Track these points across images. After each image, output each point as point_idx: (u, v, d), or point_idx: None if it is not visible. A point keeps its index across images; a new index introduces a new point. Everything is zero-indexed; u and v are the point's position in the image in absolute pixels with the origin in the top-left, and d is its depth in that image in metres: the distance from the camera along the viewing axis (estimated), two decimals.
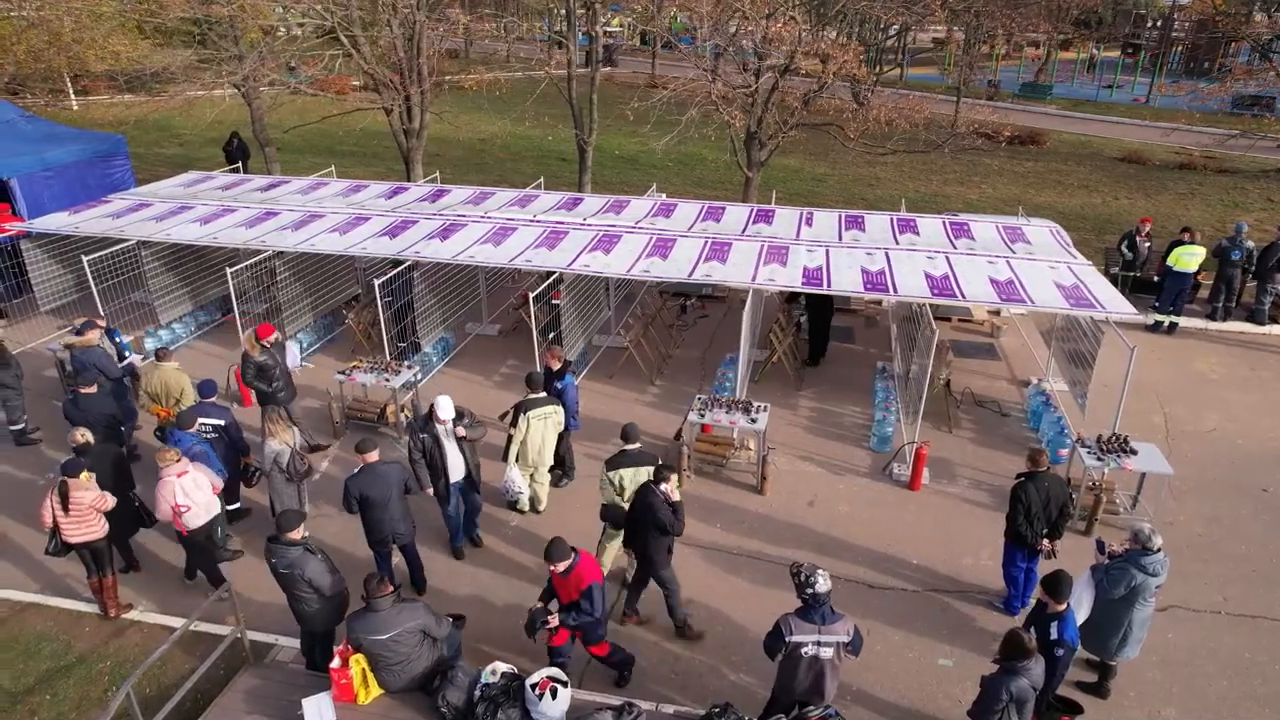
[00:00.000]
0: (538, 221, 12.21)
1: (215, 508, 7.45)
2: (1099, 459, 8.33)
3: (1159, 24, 47.12)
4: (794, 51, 12.82)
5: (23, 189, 14.15)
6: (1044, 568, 7.29)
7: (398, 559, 7.59)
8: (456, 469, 7.66)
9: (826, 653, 5.44)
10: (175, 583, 7.91)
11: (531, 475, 8.59)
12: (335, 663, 5.92)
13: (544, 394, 8.44)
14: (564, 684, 5.67)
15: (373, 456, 7.00)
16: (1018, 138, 24.61)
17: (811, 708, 5.54)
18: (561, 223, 12.14)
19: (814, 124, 15.38)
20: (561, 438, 8.80)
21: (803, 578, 5.47)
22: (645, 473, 7.19)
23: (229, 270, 10.83)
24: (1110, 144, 26.23)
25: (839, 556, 8.22)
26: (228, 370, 10.85)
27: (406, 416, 10.13)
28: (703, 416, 9.10)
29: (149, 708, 6.07)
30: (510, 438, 8.53)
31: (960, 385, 11.23)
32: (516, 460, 8.34)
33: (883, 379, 11.17)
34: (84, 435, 7.51)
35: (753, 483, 9.27)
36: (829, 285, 10.08)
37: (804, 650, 5.42)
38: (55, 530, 7.05)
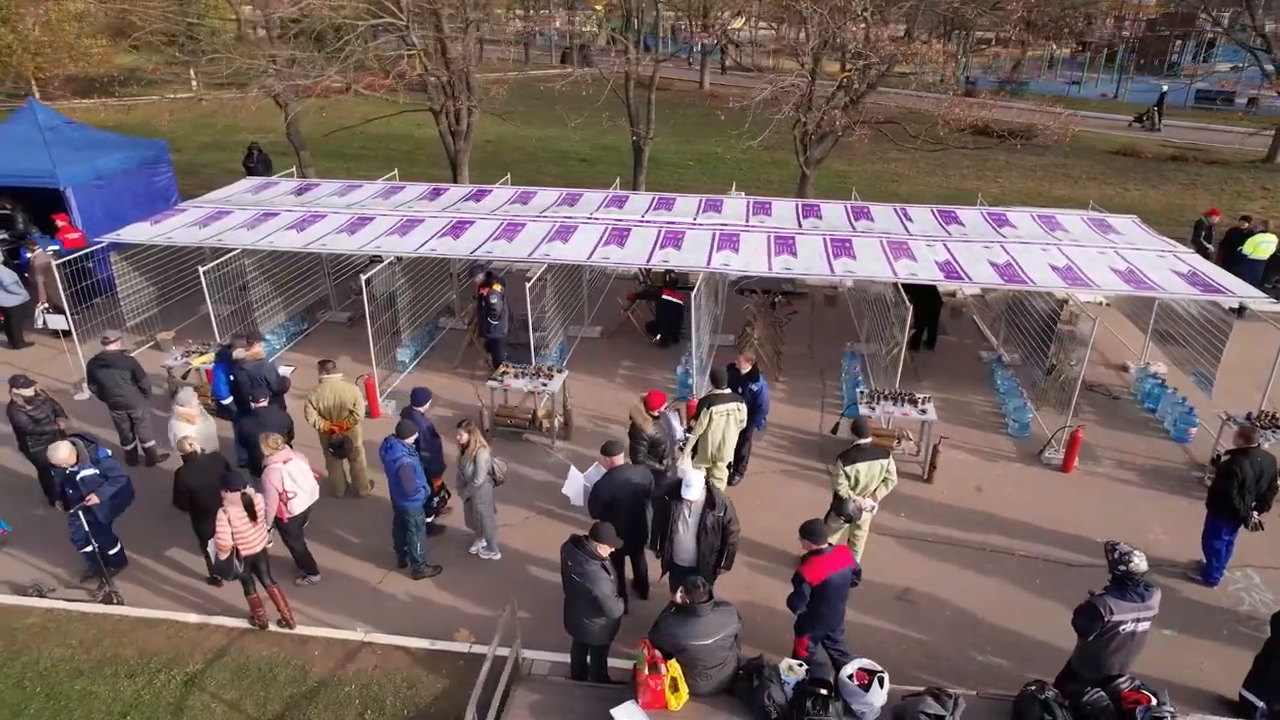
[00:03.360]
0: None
1: (316, 494, 7.49)
2: None
3: (1109, 22, 49.44)
4: (894, 53, 13.11)
5: (77, 198, 13.44)
6: (1243, 539, 7.80)
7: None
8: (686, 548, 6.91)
9: (1143, 627, 5.68)
10: (343, 594, 7.71)
11: (709, 470, 8.63)
12: (643, 668, 5.89)
13: (728, 390, 8.49)
14: (881, 673, 5.77)
15: (619, 460, 6.96)
16: (1017, 134, 25.52)
17: (1122, 679, 5.77)
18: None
19: (879, 122, 15.72)
20: (744, 437, 8.89)
21: (1117, 555, 5.69)
22: (880, 466, 7.35)
23: (363, 278, 10.49)
24: (1101, 139, 27.45)
25: (1026, 538, 8.53)
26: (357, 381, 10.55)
27: (558, 422, 10.05)
28: (873, 410, 9.29)
29: None
30: (689, 431, 8.60)
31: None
32: (694, 454, 8.41)
33: (1000, 367, 11.55)
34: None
35: (917, 472, 9.51)
36: (966, 278, 10.40)
37: (1123, 628, 5.65)
38: (235, 550, 6.80)
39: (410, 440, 7.32)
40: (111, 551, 7.55)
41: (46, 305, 12.26)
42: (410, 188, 14.13)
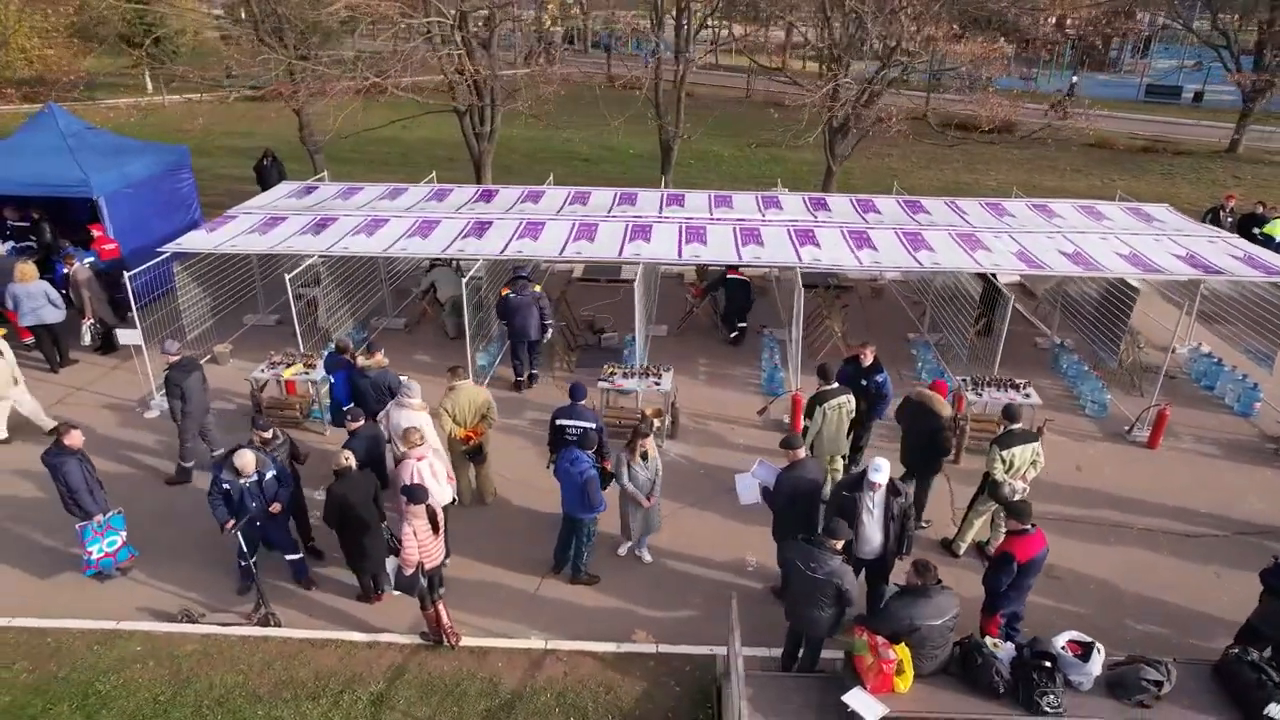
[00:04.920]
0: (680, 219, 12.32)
1: (447, 496, 7.46)
2: None
3: (1049, 20, 51.62)
4: (945, 52, 13.51)
5: (109, 207, 12.79)
6: None
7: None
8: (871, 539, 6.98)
9: None
10: (503, 603, 7.59)
11: (829, 463, 8.81)
12: (865, 654, 6.00)
13: (836, 384, 8.66)
14: (1093, 643, 6.02)
15: (801, 453, 7.05)
16: (998, 128, 26.53)
17: None
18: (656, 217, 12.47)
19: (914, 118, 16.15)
20: (863, 428, 9.09)
21: None
22: (1030, 450, 7.63)
23: (462, 280, 10.32)
24: (1072, 131, 28.65)
25: (1137, 512, 8.96)
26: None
27: (665, 421, 10.06)
28: (980, 396, 9.61)
29: None
30: (805, 430, 8.76)
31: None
32: (810, 451, 8.57)
33: (1065, 352, 12.04)
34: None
35: None
36: (1044, 267, 10.82)
37: None
38: (420, 565, 6.69)
39: (592, 450, 7.25)
40: (292, 557, 7.42)
41: (93, 321, 11.65)
42: (458, 190, 13.90)
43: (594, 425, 7.82)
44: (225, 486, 6.81)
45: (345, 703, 6.57)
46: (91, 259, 12.11)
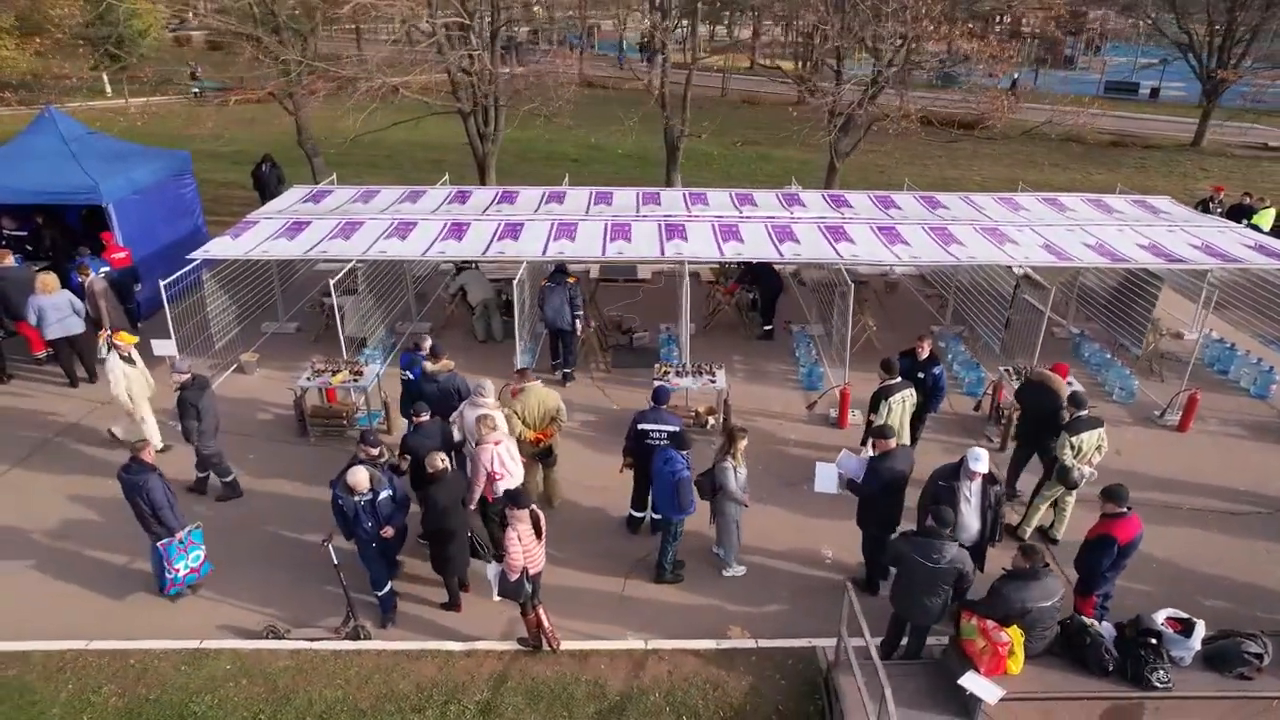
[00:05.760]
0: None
1: (521, 478, 7.62)
2: None
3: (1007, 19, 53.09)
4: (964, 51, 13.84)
5: (118, 214, 12.36)
6: None
7: None
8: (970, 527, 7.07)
9: None
10: (593, 606, 7.55)
11: None
12: (975, 639, 6.15)
13: (899, 379, 8.84)
14: (1192, 619, 6.27)
15: (893, 443, 7.20)
16: (972, 124, 27.22)
17: None
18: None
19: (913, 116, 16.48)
20: (919, 419, 9.28)
21: None
22: (1096, 435, 7.88)
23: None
24: (1018, 125, 29.40)
25: (1183, 492, 9.31)
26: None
27: (716, 419, 10.12)
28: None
29: None
30: (869, 424, 8.93)
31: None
32: (873, 446, 8.73)
33: (1086, 341, 12.43)
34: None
35: None
36: (1072, 259, 11.15)
37: None
38: (525, 570, 6.65)
39: (687, 451, 7.25)
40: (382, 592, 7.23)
41: (111, 333, 11.23)
42: (479, 192, 13.77)
43: (678, 428, 7.83)
44: (340, 503, 6.61)
45: (452, 713, 6.48)
46: (106, 268, 11.69)
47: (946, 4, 13.92)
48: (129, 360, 9.16)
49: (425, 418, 7.71)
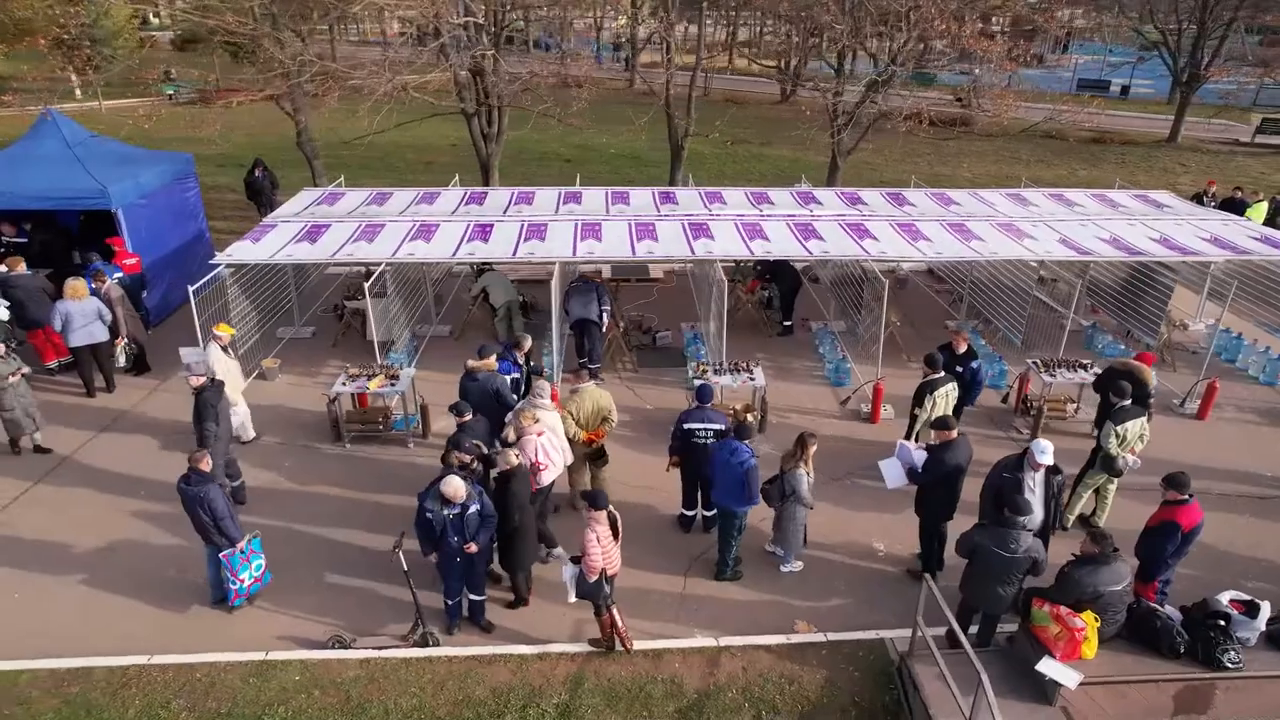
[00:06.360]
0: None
1: (562, 468, 7.80)
2: None
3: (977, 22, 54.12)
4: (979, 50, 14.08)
5: (127, 219, 12.06)
6: None
7: None
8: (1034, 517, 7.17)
9: None
10: (656, 604, 7.54)
11: None
12: (1049, 625, 6.28)
13: (943, 373, 8.99)
14: (1255, 600, 6.46)
15: (954, 434, 7.31)
16: (955, 121, 27.69)
17: None
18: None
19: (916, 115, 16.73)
20: (957, 411, 9.42)
21: None
22: (1139, 424, 8.08)
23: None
24: (1017, 123, 30.09)
25: (1210, 478, 9.53)
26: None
27: (754, 417, 10.16)
28: (1054, 376, 10.08)
29: None
30: (914, 417, 9.07)
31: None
32: (916, 439, 8.90)
33: (1098, 333, 12.71)
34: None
35: (1085, 431, 10.40)
36: (1088, 253, 11.41)
37: None
38: (603, 571, 6.65)
39: (750, 441, 7.29)
40: (476, 596, 7.16)
41: (127, 341, 10.97)
42: (495, 193, 13.67)
43: (724, 426, 7.88)
44: (428, 516, 6.47)
45: (531, 716, 6.44)
46: (119, 274, 11.40)
47: (958, 4, 14.15)
48: (227, 351, 9.22)
49: (469, 417, 7.65)
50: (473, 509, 6.47)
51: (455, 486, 6.32)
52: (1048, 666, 6.17)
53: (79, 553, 8.03)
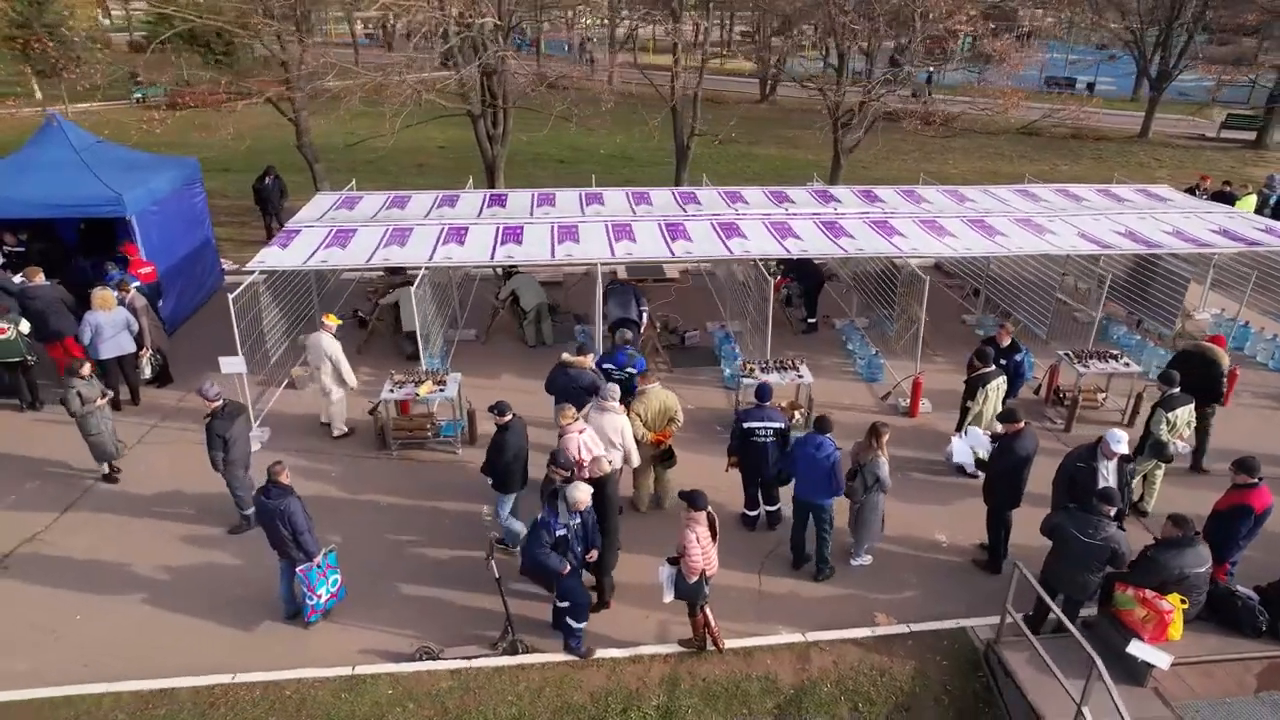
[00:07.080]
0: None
1: (619, 465, 7.78)
2: None
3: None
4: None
5: (140, 225, 11.71)
6: None
7: None
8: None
9: None
10: (736, 602, 7.56)
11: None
12: (1134, 608, 6.45)
13: (994, 367, 9.19)
14: None
15: (1021, 424, 7.48)
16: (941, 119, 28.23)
17: None
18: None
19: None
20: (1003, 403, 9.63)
21: None
22: (1188, 410, 8.34)
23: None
24: (990, 121, 30.76)
25: None
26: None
27: (801, 414, 10.24)
28: (1087, 367, 10.34)
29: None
30: (966, 409, 9.27)
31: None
32: (965, 432, 9.11)
33: (1115, 324, 13.07)
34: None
35: (1117, 419, 10.69)
36: (1107, 248, 11.72)
37: None
38: (702, 572, 6.67)
39: (831, 433, 7.36)
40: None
41: (152, 352, 10.65)
42: (514, 194, 13.54)
43: (784, 425, 7.95)
44: (560, 532, 6.35)
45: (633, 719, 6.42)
46: (136, 284, 11.04)
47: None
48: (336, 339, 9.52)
49: (509, 418, 7.59)
50: (590, 517, 6.45)
51: (582, 493, 6.27)
52: (1139, 649, 6.34)
53: (135, 572, 7.78)
